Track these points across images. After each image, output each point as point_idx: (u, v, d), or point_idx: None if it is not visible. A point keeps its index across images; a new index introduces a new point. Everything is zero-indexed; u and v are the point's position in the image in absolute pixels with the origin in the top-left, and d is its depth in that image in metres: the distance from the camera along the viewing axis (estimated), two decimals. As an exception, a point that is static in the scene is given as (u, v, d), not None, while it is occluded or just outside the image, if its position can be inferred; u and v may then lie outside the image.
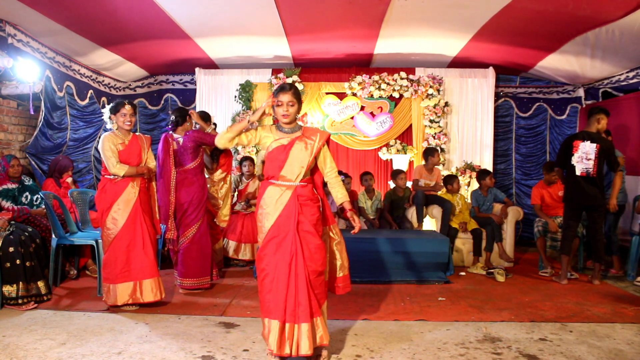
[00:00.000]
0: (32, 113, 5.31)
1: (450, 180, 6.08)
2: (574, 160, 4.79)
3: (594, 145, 4.72)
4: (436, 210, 5.86)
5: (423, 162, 6.37)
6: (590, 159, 4.72)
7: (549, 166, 5.59)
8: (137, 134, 4.09)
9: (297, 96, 2.93)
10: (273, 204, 2.86)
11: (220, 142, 2.97)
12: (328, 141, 3.00)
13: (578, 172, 4.77)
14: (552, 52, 6.25)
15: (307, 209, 2.87)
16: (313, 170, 3.01)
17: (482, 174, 6.05)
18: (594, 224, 4.89)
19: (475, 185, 6.81)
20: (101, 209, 3.88)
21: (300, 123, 3.06)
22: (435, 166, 6.32)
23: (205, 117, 4.76)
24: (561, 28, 5.42)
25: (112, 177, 3.87)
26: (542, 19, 5.17)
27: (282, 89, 2.91)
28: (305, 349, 2.73)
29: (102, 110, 4.03)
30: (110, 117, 3.92)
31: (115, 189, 3.85)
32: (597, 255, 4.93)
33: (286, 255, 2.79)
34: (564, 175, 5.02)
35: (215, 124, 4.89)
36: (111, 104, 3.96)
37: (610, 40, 5.38)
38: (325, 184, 3.07)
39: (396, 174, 6.10)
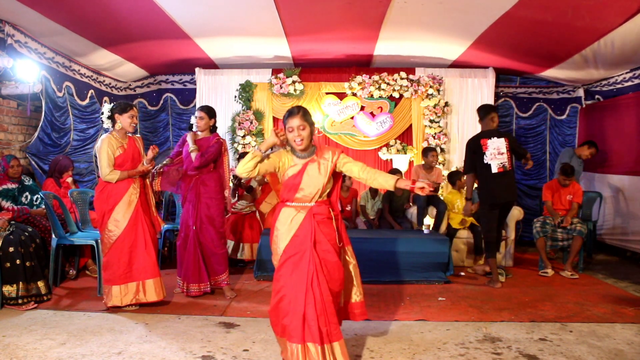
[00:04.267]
0: (29, 114, 5.31)
1: (455, 177, 6.01)
2: (487, 158, 4.75)
3: (502, 139, 4.74)
4: (435, 210, 5.87)
5: (422, 162, 6.37)
6: (503, 153, 4.71)
7: (566, 171, 5.48)
8: (131, 135, 4.03)
9: (307, 118, 2.77)
10: (287, 224, 2.76)
11: (241, 171, 2.81)
12: (343, 153, 2.88)
13: (495, 170, 4.72)
14: (552, 68, 6.41)
15: (324, 227, 2.77)
16: (330, 193, 2.90)
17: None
18: (502, 218, 4.95)
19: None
20: (102, 211, 3.84)
21: (314, 146, 2.89)
22: (435, 166, 6.31)
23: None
24: (560, 44, 5.48)
25: None
26: (542, 32, 5.22)
27: (290, 114, 2.77)
28: None
29: (102, 109, 3.94)
30: (114, 117, 3.86)
31: (117, 191, 3.83)
32: (493, 250, 4.88)
33: (303, 274, 2.64)
34: (475, 179, 4.92)
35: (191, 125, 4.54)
36: (114, 104, 3.91)
37: (609, 53, 5.43)
38: (344, 179, 2.93)
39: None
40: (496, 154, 4.70)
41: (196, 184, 4.26)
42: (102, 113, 3.92)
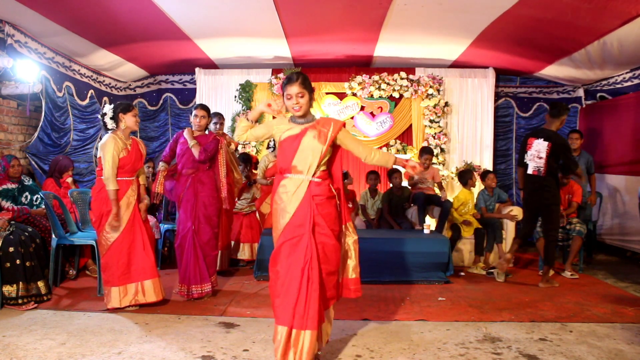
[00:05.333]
0: (29, 114, 5.31)
1: (467, 176, 5.91)
2: (527, 158, 4.66)
3: (546, 143, 4.49)
4: (436, 210, 5.86)
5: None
6: (541, 158, 4.50)
7: (565, 169, 5.50)
8: (133, 137, 4.00)
9: (306, 85, 2.77)
10: (289, 198, 2.73)
11: (236, 137, 3.09)
12: (345, 127, 2.88)
13: (530, 171, 4.64)
14: (551, 64, 6.39)
15: (323, 209, 2.75)
16: (329, 164, 2.89)
17: (483, 174, 6.04)
18: (547, 223, 4.77)
19: (479, 185, 6.81)
20: (100, 212, 3.80)
21: (315, 115, 2.93)
22: (432, 165, 6.31)
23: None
24: (560, 41, 5.47)
25: None
26: (542, 29, 5.21)
27: (289, 80, 2.78)
28: (307, 359, 2.61)
29: (104, 110, 3.84)
30: (119, 117, 3.78)
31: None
32: (546, 257, 4.79)
33: (300, 259, 2.66)
34: (523, 174, 4.87)
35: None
36: (115, 104, 3.84)
37: (609, 53, 5.43)
38: (346, 176, 3.00)
39: (391, 173, 6.10)
40: (535, 156, 4.56)
41: (193, 183, 4.19)
42: (105, 114, 3.80)
